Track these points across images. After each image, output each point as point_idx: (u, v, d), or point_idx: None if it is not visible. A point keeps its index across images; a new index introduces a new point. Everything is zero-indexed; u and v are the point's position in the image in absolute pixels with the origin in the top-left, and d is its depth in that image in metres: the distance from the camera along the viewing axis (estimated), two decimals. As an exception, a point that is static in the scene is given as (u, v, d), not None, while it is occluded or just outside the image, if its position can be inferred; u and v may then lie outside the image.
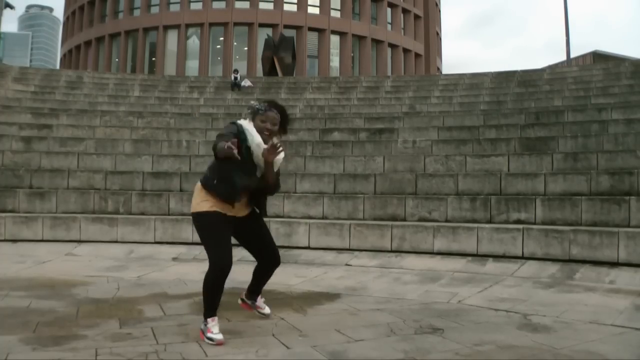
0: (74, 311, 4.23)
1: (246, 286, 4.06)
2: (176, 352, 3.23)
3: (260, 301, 4.05)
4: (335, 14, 36.86)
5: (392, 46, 39.19)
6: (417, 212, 7.52)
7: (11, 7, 30.82)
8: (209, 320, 3.50)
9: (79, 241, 7.64)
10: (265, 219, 3.87)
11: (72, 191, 8.60)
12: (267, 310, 4.04)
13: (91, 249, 7.35)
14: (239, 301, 4.06)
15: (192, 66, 35.16)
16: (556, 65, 28.89)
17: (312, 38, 36.04)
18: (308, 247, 7.20)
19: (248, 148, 3.50)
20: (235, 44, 35.53)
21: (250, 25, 35.01)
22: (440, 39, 49.04)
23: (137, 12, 37.40)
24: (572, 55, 32.82)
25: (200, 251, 7.17)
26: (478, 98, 15.55)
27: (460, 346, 3.40)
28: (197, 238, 7.80)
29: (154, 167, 9.82)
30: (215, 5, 35.63)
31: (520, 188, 7.59)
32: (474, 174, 8.10)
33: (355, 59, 37.71)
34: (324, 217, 7.78)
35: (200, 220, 3.69)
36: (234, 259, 3.60)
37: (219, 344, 3.36)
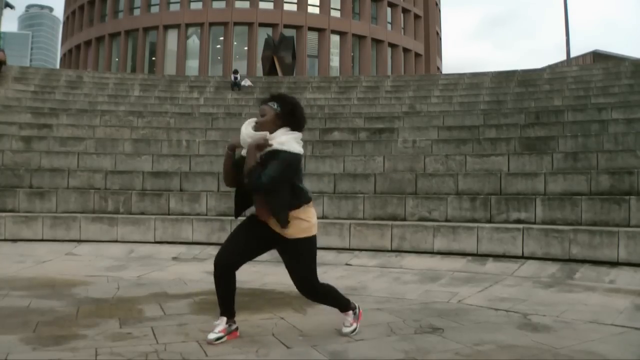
0: (74, 311, 4.23)
1: (247, 286, 4.00)
2: (176, 352, 3.22)
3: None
4: (335, 13, 36.85)
5: (392, 46, 39.19)
6: (417, 211, 7.51)
7: (11, 6, 30.80)
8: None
9: (79, 241, 7.65)
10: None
11: (72, 191, 8.60)
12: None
13: (91, 249, 7.35)
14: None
15: (192, 66, 35.16)
16: (556, 65, 28.85)
17: (312, 38, 36.03)
18: (308, 247, 7.19)
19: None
20: (235, 43, 35.52)
21: (250, 25, 35.01)
22: (441, 38, 49.05)
23: (137, 12, 37.40)
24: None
25: (200, 251, 7.21)
26: (478, 98, 15.55)
27: (461, 346, 3.40)
28: (197, 238, 7.88)
29: (154, 166, 9.82)
30: (215, 5, 35.63)
31: (520, 188, 7.59)
32: (474, 174, 8.10)
33: (355, 58, 37.71)
34: (323, 217, 7.77)
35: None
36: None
37: (207, 342, 3.35)
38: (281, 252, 3.52)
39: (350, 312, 3.65)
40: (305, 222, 3.44)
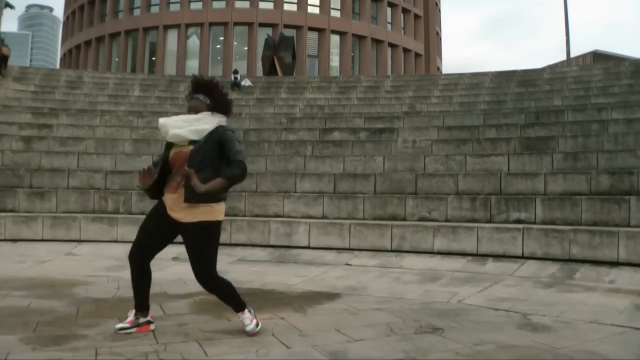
0: (74, 311, 4.23)
1: (247, 286, 3.99)
2: (176, 352, 3.22)
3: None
4: (335, 13, 36.85)
5: (392, 46, 39.19)
6: (417, 211, 7.51)
7: (11, 6, 30.79)
8: None
9: (79, 241, 7.65)
10: (265, 219, 3.77)
11: (72, 191, 8.60)
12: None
13: (91, 249, 7.35)
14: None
15: (192, 66, 35.13)
16: (556, 65, 28.85)
17: (312, 38, 36.03)
18: (308, 247, 7.20)
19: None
20: (235, 43, 35.52)
21: (250, 25, 35.01)
22: (441, 38, 49.06)
23: (137, 12, 37.40)
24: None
25: (200, 251, 7.19)
26: (478, 98, 15.55)
27: (461, 346, 3.40)
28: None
29: (154, 166, 9.81)
30: (215, 5, 35.63)
31: (520, 188, 7.59)
32: (474, 174, 8.10)
33: (355, 58, 37.71)
34: (324, 217, 7.77)
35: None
36: (234, 258, 3.59)
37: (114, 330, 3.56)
38: (184, 239, 3.57)
39: (246, 310, 3.60)
40: (207, 206, 3.45)
